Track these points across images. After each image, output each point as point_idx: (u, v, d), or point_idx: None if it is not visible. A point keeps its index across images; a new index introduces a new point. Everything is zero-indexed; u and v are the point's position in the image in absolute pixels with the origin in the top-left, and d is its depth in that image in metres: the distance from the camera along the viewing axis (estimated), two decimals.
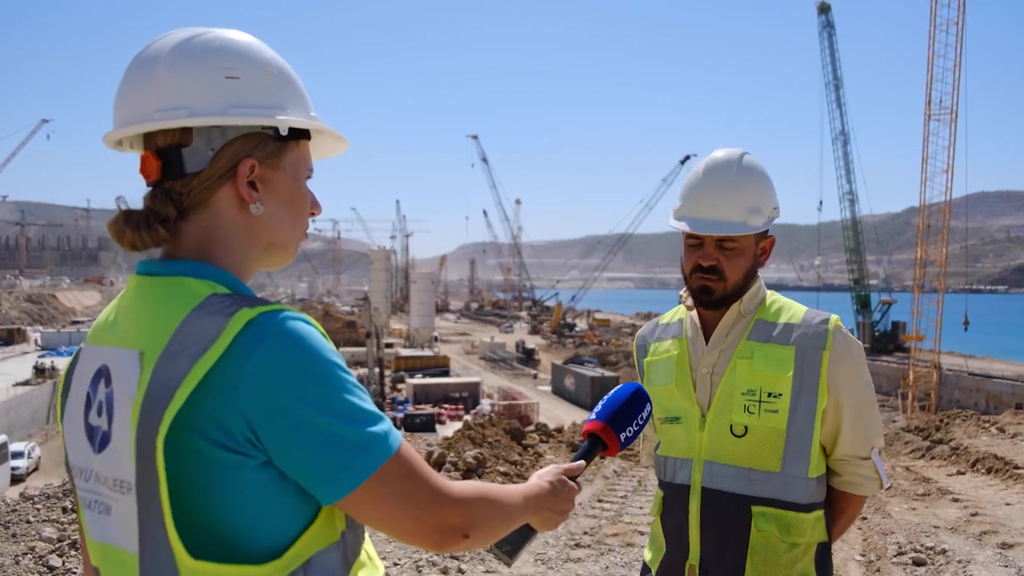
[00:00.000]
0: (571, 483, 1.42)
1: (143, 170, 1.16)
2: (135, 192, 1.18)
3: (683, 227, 1.97)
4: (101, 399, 1.11)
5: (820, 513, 1.95)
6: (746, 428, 1.90)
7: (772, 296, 2.04)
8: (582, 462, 1.50)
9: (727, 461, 1.92)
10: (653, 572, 2.07)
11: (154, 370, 1.04)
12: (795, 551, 1.89)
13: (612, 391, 1.64)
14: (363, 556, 1.20)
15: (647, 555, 2.13)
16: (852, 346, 1.95)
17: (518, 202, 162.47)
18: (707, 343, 2.01)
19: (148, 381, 1.04)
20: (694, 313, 2.06)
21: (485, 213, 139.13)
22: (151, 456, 1.02)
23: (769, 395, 1.89)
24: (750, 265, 1.97)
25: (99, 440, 1.11)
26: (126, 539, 1.07)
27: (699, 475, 1.96)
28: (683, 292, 2.10)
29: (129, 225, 1.12)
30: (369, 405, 1.08)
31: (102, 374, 1.12)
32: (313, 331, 1.07)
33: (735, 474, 1.91)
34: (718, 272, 1.94)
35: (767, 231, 2.01)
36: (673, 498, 2.02)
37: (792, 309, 1.99)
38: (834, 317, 1.96)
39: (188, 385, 1.00)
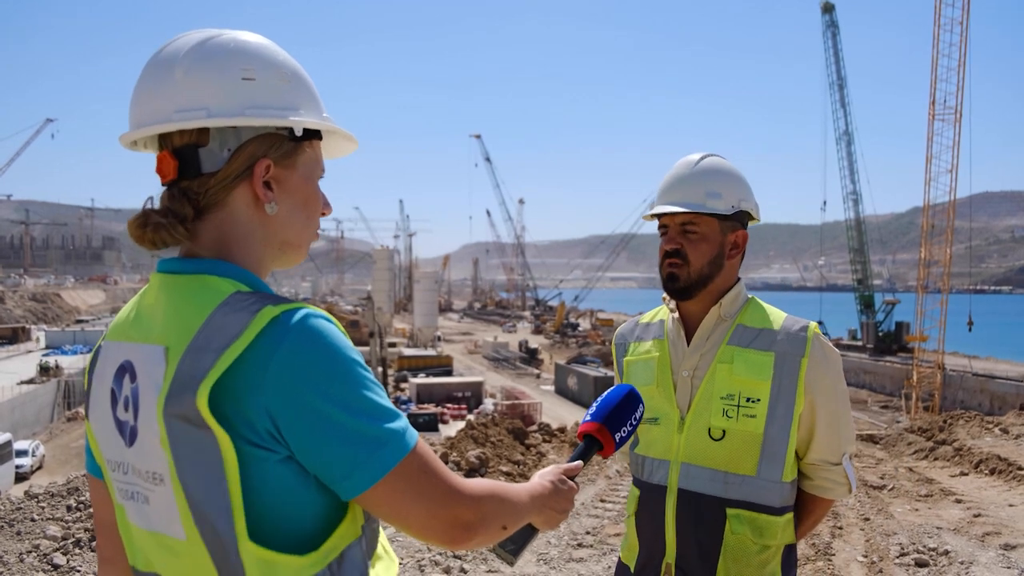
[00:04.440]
0: (571, 483, 1.45)
1: (159, 170, 1.17)
2: (138, 192, 1.19)
3: (650, 213, 2.10)
4: (127, 394, 1.14)
5: (791, 516, 1.99)
6: (724, 432, 1.93)
7: (753, 301, 2.07)
8: (580, 462, 1.53)
9: (704, 463, 1.94)
10: (632, 569, 2.09)
11: (179, 365, 1.06)
12: (766, 553, 1.92)
13: (605, 393, 1.66)
14: (380, 549, 1.23)
15: (623, 553, 2.16)
16: (830, 354, 1.98)
17: (521, 202, 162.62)
18: (688, 345, 2.05)
19: (173, 376, 1.06)
20: (676, 315, 2.09)
21: (488, 213, 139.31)
22: (186, 444, 1.05)
23: (748, 400, 1.92)
24: (715, 253, 1.99)
25: (129, 434, 1.14)
26: (171, 526, 1.10)
27: (676, 476, 1.98)
28: (666, 294, 2.13)
29: (149, 225, 1.14)
30: (387, 402, 1.10)
31: (126, 370, 1.14)
32: (335, 329, 1.10)
33: (711, 476, 1.93)
34: (682, 256, 1.99)
35: (737, 226, 2.03)
36: (649, 497, 2.04)
37: (772, 315, 2.02)
38: (813, 324, 1.98)
39: (212, 377, 1.03)
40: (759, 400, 1.91)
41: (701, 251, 1.99)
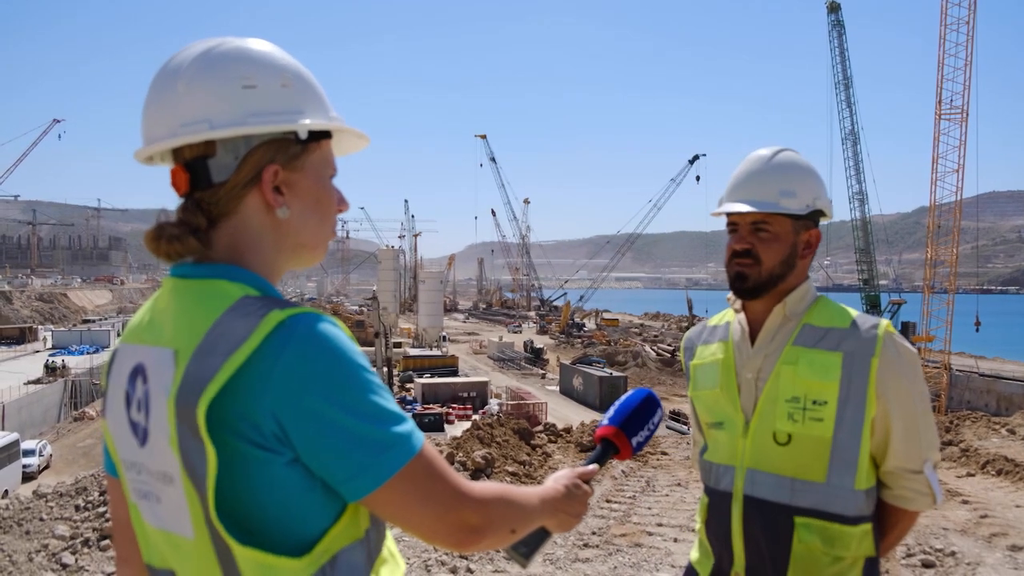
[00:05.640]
0: (585, 486, 1.45)
1: (174, 183, 1.19)
2: (145, 193, 1.23)
3: (719, 210, 1.98)
4: (140, 396, 1.16)
5: (868, 527, 1.86)
6: (789, 436, 1.84)
7: (823, 300, 1.96)
8: (595, 466, 1.53)
9: (769, 469, 1.86)
10: None
11: (187, 367, 1.08)
12: (839, 565, 1.82)
13: (624, 396, 1.65)
14: (385, 552, 1.24)
15: (693, 556, 2.11)
16: (904, 354, 1.85)
17: (526, 202, 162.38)
18: (752, 347, 1.95)
19: (181, 378, 1.08)
20: (742, 316, 2.01)
21: (493, 213, 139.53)
22: (192, 448, 1.07)
23: (814, 403, 1.82)
24: (787, 253, 1.91)
25: (141, 435, 1.16)
26: (180, 526, 1.13)
27: (741, 483, 1.91)
28: (731, 294, 2.04)
29: (163, 238, 1.17)
30: (393, 406, 1.11)
31: (139, 372, 1.17)
32: (340, 333, 1.11)
33: (777, 483, 1.85)
34: (753, 256, 1.90)
35: (811, 225, 1.95)
36: (717, 505, 1.98)
37: (842, 313, 1.91)
38: (885, 322, 1.86)
39: (218, 381, 1.05)
40: (826, 403, 1.81)
41: (774, 251, 1.90)
